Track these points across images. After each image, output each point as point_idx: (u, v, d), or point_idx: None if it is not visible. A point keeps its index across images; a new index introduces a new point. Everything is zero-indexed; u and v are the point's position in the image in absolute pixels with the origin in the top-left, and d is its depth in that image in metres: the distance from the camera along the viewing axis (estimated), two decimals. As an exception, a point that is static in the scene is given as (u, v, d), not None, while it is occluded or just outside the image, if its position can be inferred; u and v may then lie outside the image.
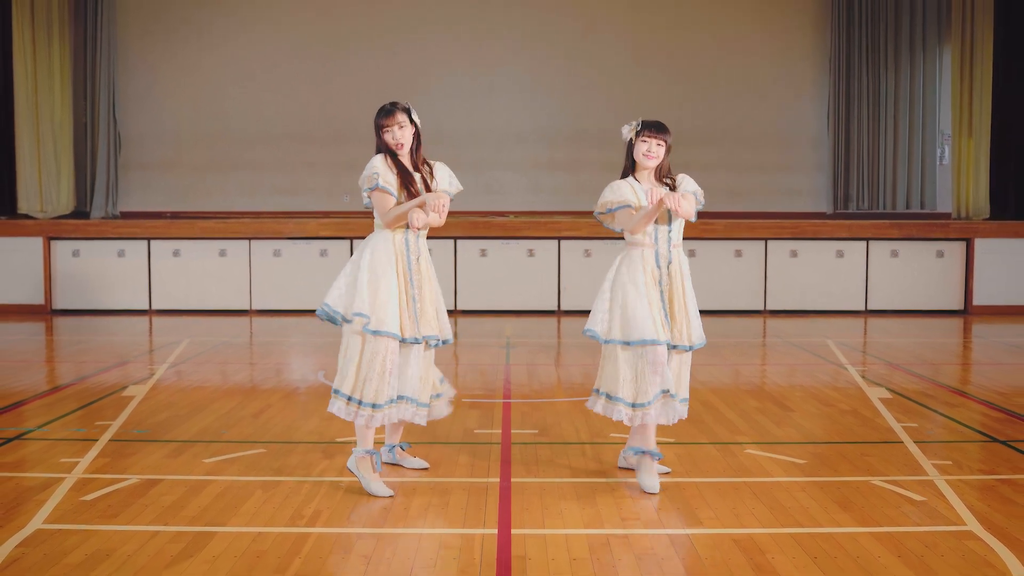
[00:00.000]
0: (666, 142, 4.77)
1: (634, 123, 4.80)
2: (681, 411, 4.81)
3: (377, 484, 4.51)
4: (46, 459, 5.09)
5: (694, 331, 4.78)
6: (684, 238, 4.99)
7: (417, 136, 4.84)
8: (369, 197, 4.69)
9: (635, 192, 4.76)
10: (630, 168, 4.84)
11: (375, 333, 4.49)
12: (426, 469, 4.91)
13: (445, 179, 4.86)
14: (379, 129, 4.75)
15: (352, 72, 13.42)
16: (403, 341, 4.57)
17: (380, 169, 4.66)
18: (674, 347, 4.74)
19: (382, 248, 4.61)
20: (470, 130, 13.38)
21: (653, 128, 4.75)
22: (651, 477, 4.63)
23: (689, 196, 4.74)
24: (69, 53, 12.97)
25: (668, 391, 4.72)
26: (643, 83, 13.49)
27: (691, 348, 4.78)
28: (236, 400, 6.69)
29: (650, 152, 4.74)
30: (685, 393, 4.83)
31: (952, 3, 12.96)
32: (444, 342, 4.78)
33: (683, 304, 4.75)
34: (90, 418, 6.08)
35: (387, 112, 4.78)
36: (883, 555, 3.71)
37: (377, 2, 13.51)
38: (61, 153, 12.88)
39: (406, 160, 4.75)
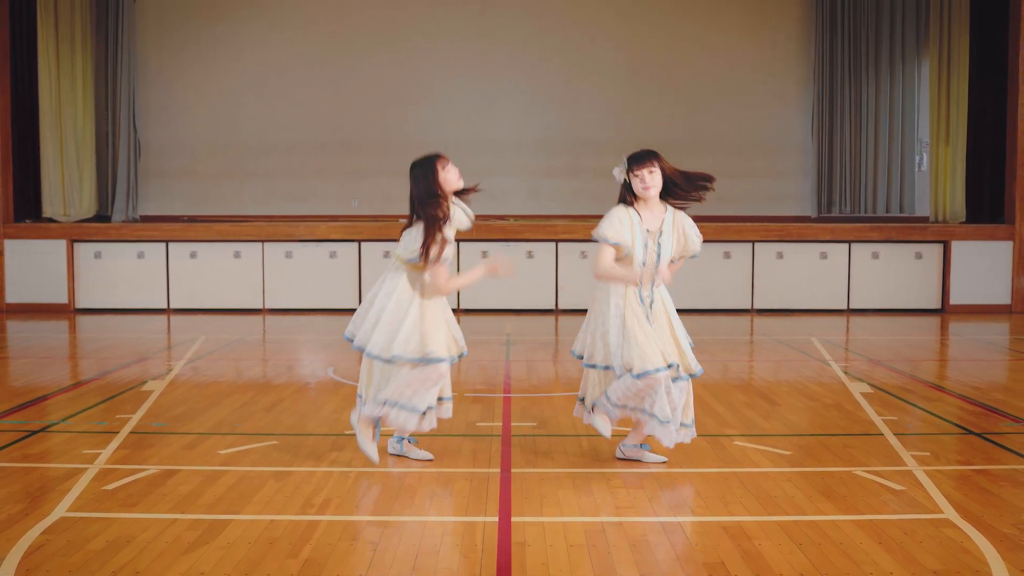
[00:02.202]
0: (657, 165, 4.64)
1: (622, 165, 4.68)
2: (683, 436, 4.74)
3: (371, 447, 4.75)
4: (69, 450, 5.08)
5: (690, 361, 4.72)
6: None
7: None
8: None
9: (632, 229, 4.65)
10: (632, 201, 4.71)
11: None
12: (431, 460, 4.91)
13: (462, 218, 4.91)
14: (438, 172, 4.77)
15: (359, 82, 13.42)
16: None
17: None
18: (675, 379, 4.66)
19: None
20: (472, 137, 13.37)
21: (640, 160, 4.62)
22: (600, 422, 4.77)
23: (674, 267, 4.78)
24: (91, 65, 12.97)
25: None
26: (637, 93, 13.49)
27: (691, 377, 4.73)
28: (250, 394, 6.69)
29: (647, 184, 4.66)
30: (688, 419, 4.77)
31: (930, 16, 12.96)
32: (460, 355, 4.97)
33: (672, 336, 4.69)
34: (111, 412, 6.08)
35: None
36: (864, 542, 3.71)
37: (384, 16, 13.50)
38: (84, 160, 12.87)
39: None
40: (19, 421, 5.80)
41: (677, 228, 4.77)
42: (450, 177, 4.77)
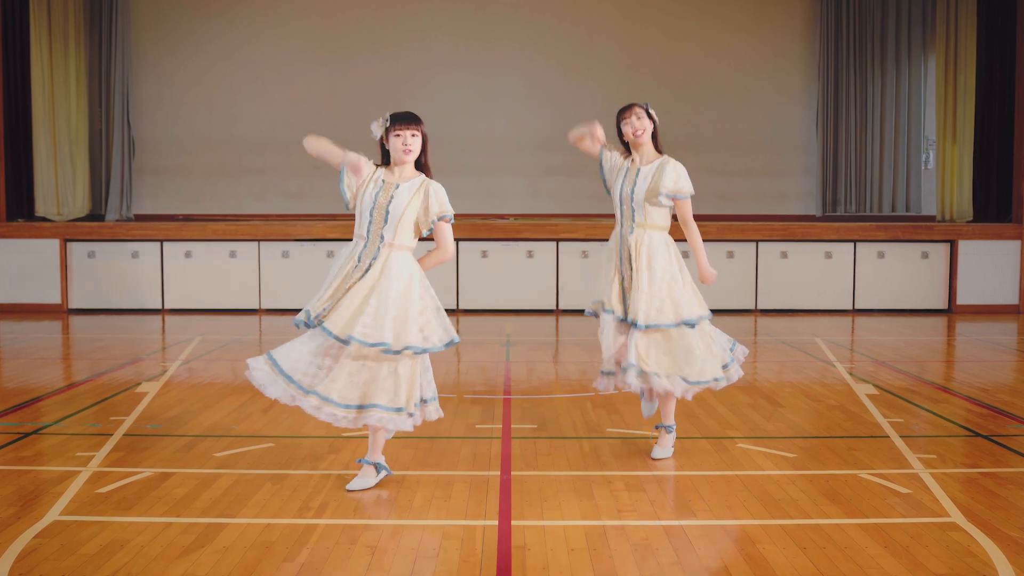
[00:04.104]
0: (646, 112, 4.95)
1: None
2: (631, 382, 4.78)
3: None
4: (62, 453, 5.09)
5: (642, 309, 4.76)
6: (679, 239, 5.01)
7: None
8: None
9: (620, 162, 5.00)
10: (627, 152, 5.03)
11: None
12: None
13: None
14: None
15: (357, 79, 13.42)
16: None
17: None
18: (622, 320, 4.86)
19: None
20: (471, 136, 13.38)
21: (624, 109, 4.97)
22: (659, 448, 5.00)
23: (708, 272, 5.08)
24: (84, 61, 12.96)
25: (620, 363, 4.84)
26: (638, 90, 13.43)
27: (638, 326, 4.76)
28: (246, 396, 6.69)
29: (636, 130, 4.84)
30: (651, 367, 4.76)
31: (937, 12, 12.95)
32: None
33: (639, 283, 4.80)
34: (105, 413, 6.08)
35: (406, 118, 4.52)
36: (870, 545, 3.71)
37: (381, 12, 13.51)
38: (77, 158, 12.87)
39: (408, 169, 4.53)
40: (12, 423, 5.80)
41: (660, 169, 4.91)
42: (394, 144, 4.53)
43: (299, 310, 4.67)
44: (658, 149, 5.02)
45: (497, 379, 7.44)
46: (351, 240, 4.60)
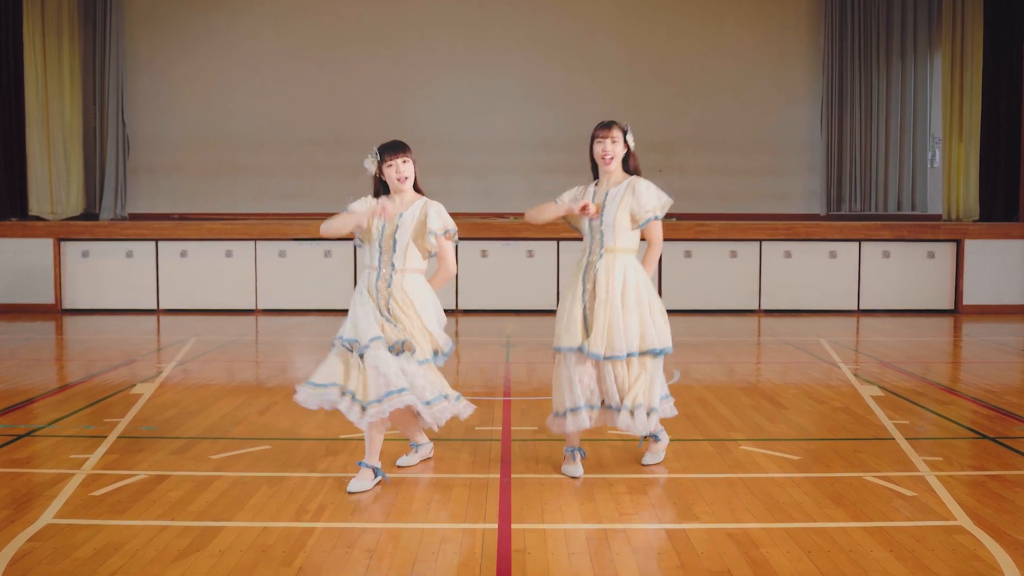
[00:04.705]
0: (622, 136, 4.76)
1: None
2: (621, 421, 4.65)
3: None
4: (56, 455, 5.09)
5: (603, 340, 4.58)
6: (681, 239, 5.00)
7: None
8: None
9: (583, 193, 4.83)
10: (593, 174, 4.89)
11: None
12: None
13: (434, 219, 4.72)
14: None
15: (355, 77, 13.43)
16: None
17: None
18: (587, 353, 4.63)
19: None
20: (470, 135, 13.39)
21: (602, 126, 4.80)
22: (651, 455, 4.95)
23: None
24: (79, 58, 12.97)
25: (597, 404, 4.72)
26: (639, 89, 13.49)
27: (596, 357, 4.59)
28: (242, 398, 6.69)
29: (607, 155, 4.74)
30: (627, 402, 4.65)
31: (943, 8, 12.96)
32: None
33: (603, 313, 4.61)
34: (99, 415, 6.08)
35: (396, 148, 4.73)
36: (875, 549, 3.71)
37: (381, 10, 13.51)
38: (71, 156, 12.88)
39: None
40: (5, 425, 5.80)
41: (629, 189, 4.75)
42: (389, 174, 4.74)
43: (296, 310, 4.70)
44: (632, 171, 4.83)
45: (497, 380, 7.44)
46: (349, 240, 4.69)
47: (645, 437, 4.96)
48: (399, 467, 4.90)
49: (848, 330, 10.88)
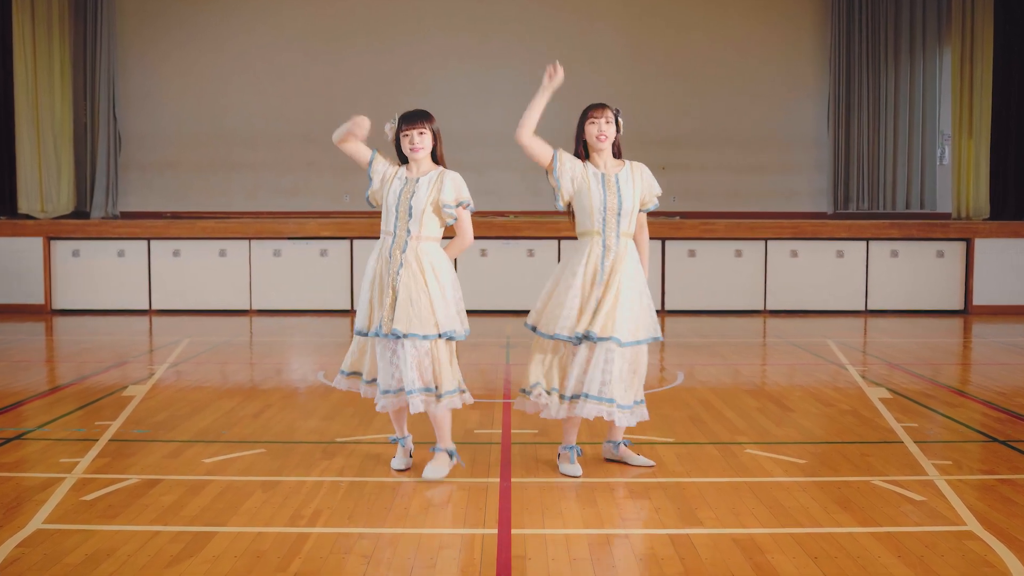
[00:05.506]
0: (615, 118, 4.87)
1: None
2: (595, 410, 4.65)
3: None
4: (46, 459, 5.08)
5: (618, 325, 4.61)
6: (685, 238, 5.01)
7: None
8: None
9: (577, 165, 4.94)
10: (583, 153, 4.95)
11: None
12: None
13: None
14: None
15: (350, 71, 13.43)
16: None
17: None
18: (586, 338, 4.64)
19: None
20: (469, 130, 13.37)
21: (596, 107, 4.91)
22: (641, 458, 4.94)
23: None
24: (69, 53, 12.97)
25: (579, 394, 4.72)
26: (642, 84, 13.49)
27: (602, 340, 4.61)
28: (236, 400, 6.69)
29: (602, 134, 4.79)
30: (611, 393, 4.66)
31: (952, 3, 12.96)
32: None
33: (615, 297, 4.66)
34: (90, 418, 6.08)
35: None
36: (883, 555, 3.71)
37: (374, 2, 13.52)
38: (61, 153, 12.88)
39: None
40: (-7, 428, 5.80)
41: (637, 173, 4.84)
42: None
43: (292, 311, 4.76)
44: (617, 155, 4.93)
45: (497, 382, 7.44)
46: (345, 239, 4.75)
47: (616, 446, 4.98)
48: (395, 471, 4.89)
49: (855, 331, 10.88)
